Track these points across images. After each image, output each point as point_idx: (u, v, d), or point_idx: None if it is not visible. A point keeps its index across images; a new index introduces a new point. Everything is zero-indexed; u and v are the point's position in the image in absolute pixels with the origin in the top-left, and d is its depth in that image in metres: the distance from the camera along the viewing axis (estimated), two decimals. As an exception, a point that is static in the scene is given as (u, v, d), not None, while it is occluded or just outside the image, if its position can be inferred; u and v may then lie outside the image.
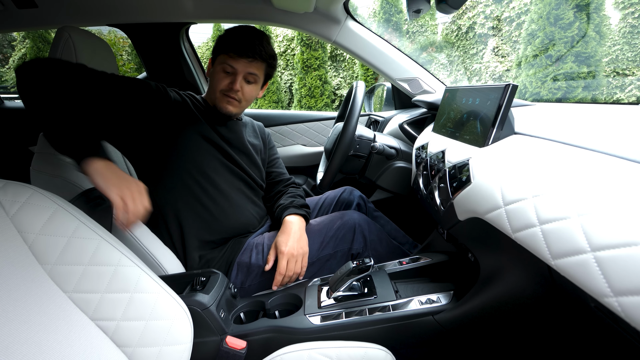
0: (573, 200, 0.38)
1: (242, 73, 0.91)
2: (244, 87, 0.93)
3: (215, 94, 0.94)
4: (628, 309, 0.30)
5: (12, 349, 0.39)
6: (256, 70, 0.92)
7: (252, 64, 0.90)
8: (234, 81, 0.91)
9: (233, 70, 0.90)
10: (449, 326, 0.66)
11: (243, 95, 0.94)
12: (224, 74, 0.91)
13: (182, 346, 0.58)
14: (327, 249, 0.90)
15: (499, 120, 0.58)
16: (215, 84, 0.93)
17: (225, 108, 0.94)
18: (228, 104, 0.94)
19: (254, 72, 0.91)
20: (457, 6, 0.58)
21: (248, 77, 0.92)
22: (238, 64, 0.89)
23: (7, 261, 0.45)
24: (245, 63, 0.89)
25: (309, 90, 6.79)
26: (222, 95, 0.93)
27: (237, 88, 0.91)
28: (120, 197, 0.67)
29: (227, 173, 0.97)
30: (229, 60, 0.89)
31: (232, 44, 0.89)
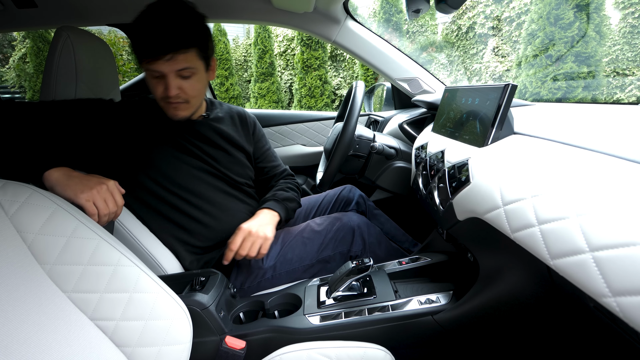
0: (572, 200, 0.38)
1: (171, 73, 0.75)
2: (183, 85, 0.78)
3: (159, 103, 0.82)
4: (626, 309, 0.30)
5: (11, 349, 0.39)
6: (185, 62, 0.75)
7: (176, 60, 0.74)
8: (167, 87, 0.76)
9: (160, 73, 0.76)
10: (449, 326, 0.66)
11: (186, 93, 0.80)
12: (155, 79, 0.77)
13: (181, 346, 0.58)
14: (326, 250, 0.90)
15: (499, 120, 0.59)
16: (152, 92, 0.80)
17: (175, 115, 0.83)
18: (176, 110, 0.82)
19: (183, 66, 0.75)
20: (457, 6, 0.58)
21: (181, 73, 0.77)
22: (160, 66, 0.74)
23: (6, 261, 0.45)
24: (166, 63, 0.73)
25: (309, 90, 6.79)
26: (165, 104, 0.81)
27: (172, 94, 0.77)
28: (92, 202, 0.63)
29: (205, 177, 0.90)
30: (149, 65, 0.74)
31: (140, 47, 0.74)
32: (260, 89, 7.17)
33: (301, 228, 0.95)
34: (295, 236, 0.92)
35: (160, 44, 0.71)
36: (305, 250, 0.90)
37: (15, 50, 7.92)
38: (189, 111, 0.85)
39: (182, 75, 0.77)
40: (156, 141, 0.85)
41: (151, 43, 0.72)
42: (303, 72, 6.74)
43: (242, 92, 7.82)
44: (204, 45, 0.78)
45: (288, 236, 0.93)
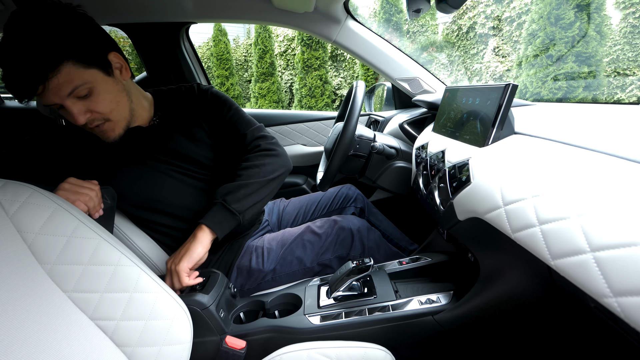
0: (573, 200, 0.38)
1: (65, 100, 0.62)
2: (88, 105, 0.65)
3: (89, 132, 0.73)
4: (627, 309, 0.30)
5: (12, 349, 0.39)
6: (68, 83, 0.61)
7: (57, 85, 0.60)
8: (72, 116, 0.64)
9: (58, 105, 0.64)
10: (449, 326, 0.66)
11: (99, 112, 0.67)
12: (61, 110, 0.65)
13: (181, 346, 0.58)
14: (326, 254, 0.90)
15: (499, 120, 0.58)
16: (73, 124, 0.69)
17: (108, 138, 0.73)
18: (104, 134, 0.72)
19: (70, 88, 0.62)
20: (457, 6, 0.58)
21: (77, 94, 0.63)
22: (47, 99, 0.61)
23: (7, 261, 0.45)
24: (49, 93, 0.60)
25: (309, 90, 6.79)
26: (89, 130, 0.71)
27: (80, 122, 0.65)
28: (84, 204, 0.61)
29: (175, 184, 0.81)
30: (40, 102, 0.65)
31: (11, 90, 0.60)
32: (261, 89, 7.17)
33: (301, 230, 0.95)
34: (295, 239, 0.92)
35: (24, 78, 0.57)
36: (305, 253, 0.90)
37: (16, 50, 7.92)
38: (119, 127, 0.73)
39: (78, 96, 0.63)
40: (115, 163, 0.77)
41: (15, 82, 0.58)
42: (303, 72, 6.74)
43: (242, 92, 7.82)
44: (79, 52, 0.62)
45: (288, 239, 0.93)
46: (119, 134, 0.73)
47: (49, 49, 0.58)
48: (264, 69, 7.04)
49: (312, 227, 0.95)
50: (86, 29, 0.64)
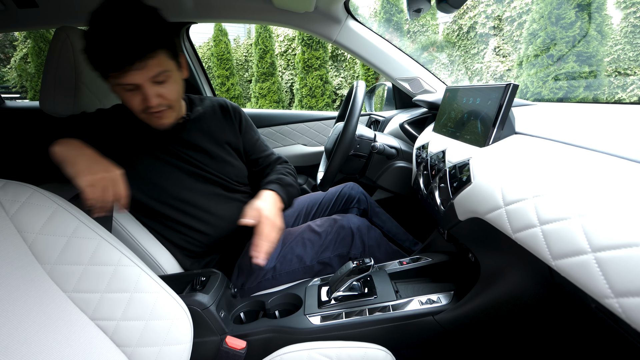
0: (574, 200, 0.37)
1: (146, 82, 0.68)
2: (161, 91, 0.72)
3: (139, 116, 0.76)
4: (629, 310, 0.30)
5: (12, 349, 0.39)
6: (158, 67, 0.68)
7: (148, 67, 0.67)
8: (146, 97, 0.70)
9: (133, 86, 0.69)
10: (450, 326, 0.66)
11: (167, 99, 0.74)
12: (128, 93, 0.70)
13: (182, 346, 0.58)
14: (326, 252, 0.90)
15: (500, 120, 0.58)
16: (128, 105, 0.73)
17: (161, 124, 0.78)
18: (160, 119, 0.76)
19: (157, 72, 0.68)
20: (458, 5, 0.58)
21: (157, 79, 0.70)
22: (132, 78, 0.66)
23: (7, 261, 0.45)
24: (137, 73, 0.66)
25: (310, 90, 6.79)
26: (146, 115, 0.75)
27: (153, 104, 0.71)
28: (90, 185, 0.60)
29: (196, 184, 0.85)
30: (119, 80, 0.67)
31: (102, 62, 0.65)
32: (261, 88, 7.17)
33: (301, 229, 0.95)
34: (296, 237, 0.92)
35: (127, 53, 0.63)
36: (305, 252, 0.90)
37: (17, 51, 7.93)
38: (174, 116, 0.80)
39: (158, 81, 0.71)
40: (139, 153, 0.80)
41: (116, 54, 0.63)
42: (304, 72, 6.74)
43: (243, 92, 7.82)
44: (171, 44, 0.71)
45: (288, 237, 0.93)
46: (171, 122, 0.80)
47: (156, 36, 0.67)
48: (264, 68, 7.05)
49: (312, 226, 0.95)
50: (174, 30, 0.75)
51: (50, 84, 0.81)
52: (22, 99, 7.63)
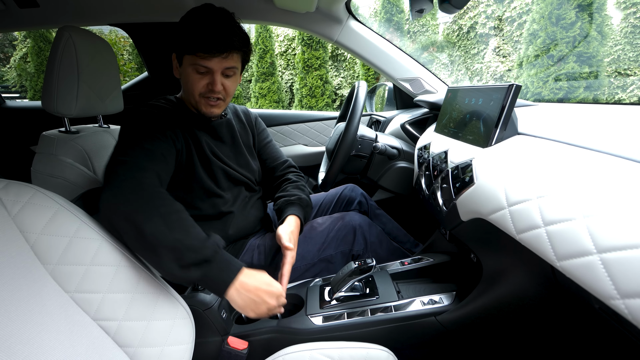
0: (578, 201, 0.37)
1: (219, 70, 0.79)
2: (225, 83, 0.82)
3: (194, 98, 0.83)
4: (635, 311, 0.30)
5: (14, 349, 0.39)
6: (233, 62, 0.80)
7: (228, 59, 0.78)
8: (213, 82, 0.79)
9: (207, 70, 0.79)
10: (452, 327, 0.66)
11: (226, 91, 0.83)
12: (198, 75, 0.79)
13: (184, 346, 0.58)
14: (328, 249, 0.90)
15: (502, 120, 0.58)
16: (190, 86, 0.81)
17: (210, 112, 0.85)
18: (212, 107, 0.84)
19: (231, 65, 0.79)
20: (461, 6, 0.58)
21: (226, 72, 0.81)
22: (212, 63, 0.77)
23: (9, 261, 0.44)
24: (219, 60, 0.77)
25: (310, 90, 6.79)
26: (202, 99, 0.82)
27: (218, 89, 0.80)
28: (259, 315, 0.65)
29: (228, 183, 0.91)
30: (200, 60, 0.76)
31: (197, 41, 0.75)
32: (261, 88, 7.17)
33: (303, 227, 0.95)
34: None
35: (222, 42, 0.75)
36: (307, 249, 0.90)
37: (17, 50, 7.92)
38: (222, 109, 0.87)
39: (226, 74, 0.81)
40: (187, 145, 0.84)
41: (213, 40, 0.74)
42: (304, 71, 6.74)
43: (242, 92, 7.81)
44: (248, 52, 0.84)
45: None
46: (219, 113, 0.87)
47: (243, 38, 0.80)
48: (264, 68, 7.04)
49: (313, 224, 0.95)
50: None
51: (53, 83, 0.81)
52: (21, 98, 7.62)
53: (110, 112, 0.99)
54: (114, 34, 7.18)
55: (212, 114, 0.86)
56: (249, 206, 0.95)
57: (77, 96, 0.84)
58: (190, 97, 0.84)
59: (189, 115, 0.87)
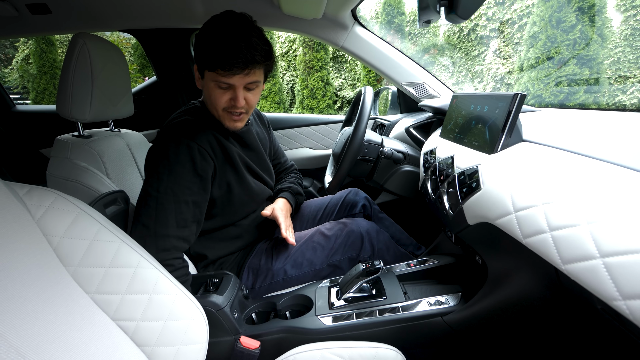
0: (582, 208, 0.39)
1: (241, 85, 0.77)
2: (248, 96, 0.80)
3: (217, 112, 0.83)
4: (636, 312, 0.32)
5: (42, 348, 0.41)
6: (255, 77, 0.78)
7: (250, 75, 0.76)
8: (236, 97, 0.78)
9: (230, 85, 0.77)
10: (458, 327, 0.68)
11: (249, 105, 0.82)
12: (220, 90, 0.78)
13: (198, 346, 0.60)
14: (336, 255, 0.91)
15: (508, 127, 0.60)
16: (213, 101, 0.80)
17: (233, 126, 0.85)
18: (236, 122, 0.84)
19: (253, 80, 0.78)
20: (467, 17, 0.60)
21: (249, 86, 0.79)
22: (233, 80, 0.75)
23: (35, 263, 0.46)
24: (241, 77, 0.75)
25: (311, 91, 6.80)
26: (225, 113, 0.82)
27: (241, 104, 0.79)
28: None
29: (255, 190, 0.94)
30: (221, 78, 0.75)
31: (216, 58, 0.72)
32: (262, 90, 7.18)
33: (311, 233, 0.97)
34: (306, 241, 0.94)
35: (243, 59, 0.72)
36: (315, 255, 0.91)
37: (19, 52, 7.94)
38: (244, 122, 0.87)
39: (249, 88, 0.80)
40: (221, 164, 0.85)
41: (234, 57, 0.72)
42: (305, 73, 6.75)
43: (244, 93, 7.81)
44: (271, 62, 0.81)
45: (298, 241, 0.95)
46: (242, 126, 0.87)
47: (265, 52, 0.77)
48: (265, 70, 7.05)
49: (321, 230, 0.97)
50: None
51: (68, 88, 0.83)
52: (23, 99, 7.63)
53: (122, 116, 1.01)
54: (116, 36, 7.20)
55: (236, 128, 0.86)
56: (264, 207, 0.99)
57: (90, 101, 0.86)
58: (213, 111, 0.84)
59: (216, 124, 0.86)
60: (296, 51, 7.42)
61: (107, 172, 0.91)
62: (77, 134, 0.91)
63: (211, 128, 0.84)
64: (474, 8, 0.61)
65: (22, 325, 0.39)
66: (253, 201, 0.94)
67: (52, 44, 7.08)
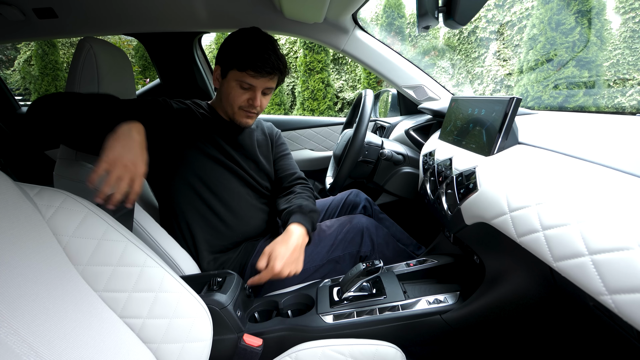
0: (573, 208, 0.41)
1: (261, 88, 0.89)
2: (262, 100, 0.91)
3: (232, 109, 0.92)
4: (621, 305, 0.34)
5: (53, 344, 0.42)
6: (273, 83, 0.90)
7: (271, 80, 0.88)
8: (254, 98, 0.89)
9: (251, 87, 0.88)
10: (456, 325, 0.69)
11: (261, 107, 0.92)
12: (241, 89, 0.88)
13: (202, 343, 0.61)
14: (336, 251, 0.93)
15: (504, 130, 0.62)
16: (232, 99, 0.90)
17: (245, 123, 0.94)
18: (248, 119, 0.94)
19: (271, 86, 0.90)
20: (464, 23, 0.62)
21: (265, 91, 0.91)
22: (257, 82, 0.87)
23: (45, 262, 0.47)
24: (264, 80, 0.87)
25: (311, 93, 6.83)
26: (241, 111, 0.92)
27: (257, 104, 0.90)
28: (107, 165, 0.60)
29: (233, 182, 0.97)
30: (247, 78, 0.85)
31: (248, 61, 0.83)
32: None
33: None
34: None
35: (271, 65, 0.85)
36: (315, 251, 0.93)
37: (20, 53, 7.98)
38: (254, 120, 0.97)
39: (265, 92, 0.91)
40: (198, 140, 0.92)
41: (261, 61, 0.83)
42: (306, 75, 6.78)
43: (244, 95, 7.84)
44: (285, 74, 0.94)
45: None
46: (251, 124, 0.97)
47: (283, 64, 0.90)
48: (266, 72, 7.07)
49: (322, 227, 0.99)
50: None
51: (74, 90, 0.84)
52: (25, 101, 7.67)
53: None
54: (118, 37, 7.24)
55: (247, 125, 0.95)
56: (254, 209, 1.00)
57: (96, 105, 0.87)
58: (228, 107, 0.93)
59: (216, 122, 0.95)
60: (297, 53, 7.46)
61: (113, 173, 0.93)
62: (83, 136, 0.93)
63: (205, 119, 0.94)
64: (471, 14, 0.63)
65: (34, 321, 0.41)
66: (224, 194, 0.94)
67: (54, 46, 7.12)
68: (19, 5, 1.19)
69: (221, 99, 0.94)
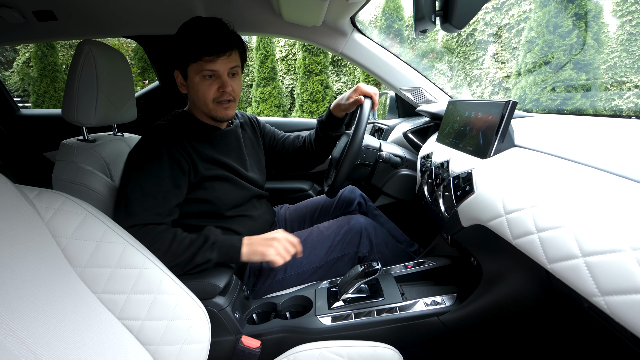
0: (567, 211, 0.42)
1: (225, 72, 0.84)
2: (232, 83, 0.86)
3: (207, 106, 0.87)
4: (613, 306, 0.34)
5: (52, 345, 0.42)
6: (235, 61, 0.85)
7: (230, 58, 0.84)
8: (223, 83, 0.84)
9: (214, 73, 0.83)
10: (453, 326, 0.69)
11: (234, 91, 0.88)
12: (207, 81, 0.84)
13: (201, 345, 0.61)
14: (334, 252, 0.93)
15: (500, 133, 0.62)
16: (202, 95, 0.85)
17: (225, 115, 0.89)
18: (226, 110, 0.89)
19: (234, 64, 0.85)
20: (461, 27, 0.62)
21: (231, 71, 0.86)
22: (217, 65, 0.82)
23: (44, 264, 0.48)
24: (224, 60, 0.82)
25: (310, 95, 6.85)
26: (216, 105, 0.87)
27: (229, 89, 0.85)
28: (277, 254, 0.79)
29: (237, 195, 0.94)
30: (206, 65, 0.81)
31: (198, 47, 0.80)
32: (262, 93, 7.22)
33: (309, 232, 0.98)
34: (305, 240, 0.95)
35: (223, 42, 0.81)
36: (314, 253, 0.93)
37: (19, 55, 7.98)
38: (234, 110, 0.92)
39: (232, 73, 0.86)
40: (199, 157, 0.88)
41: (215, 41, 0.80)
42: (305, 76, 6.80)
43: (243, 97, 7.87)
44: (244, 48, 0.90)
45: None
46: (232, 115, 0.92)
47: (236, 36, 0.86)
48: (265, 73, 7.10)
49: (320, 228, 0.99)
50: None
51: (73, 94, 0.85)
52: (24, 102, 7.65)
53: (125, 121, 1.03)
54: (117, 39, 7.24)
55: (228, 117, 0.91)
56: (258, 213, 0.99)
57: (95, 106, 0.88)
58: (203, 107, 0.88)
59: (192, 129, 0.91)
60: (296, 55, 7.48)
61: (112, 175, 0.93)
62: (82, 138, 0.93)
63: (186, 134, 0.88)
64: (468, 18, 0.63)
65: (33, 323, 0.41)
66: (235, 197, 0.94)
67: (52, 47, 7.12)
68: (19, 7, 1.19)
69: (194, 102, 0.90)
